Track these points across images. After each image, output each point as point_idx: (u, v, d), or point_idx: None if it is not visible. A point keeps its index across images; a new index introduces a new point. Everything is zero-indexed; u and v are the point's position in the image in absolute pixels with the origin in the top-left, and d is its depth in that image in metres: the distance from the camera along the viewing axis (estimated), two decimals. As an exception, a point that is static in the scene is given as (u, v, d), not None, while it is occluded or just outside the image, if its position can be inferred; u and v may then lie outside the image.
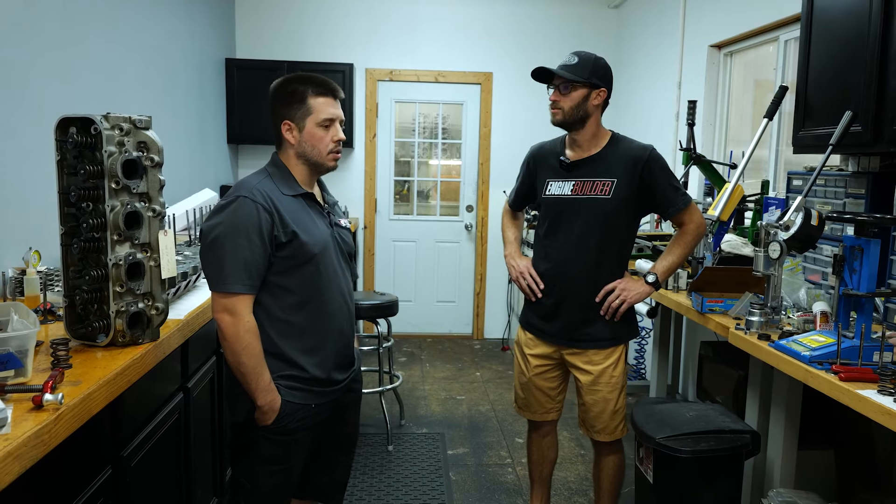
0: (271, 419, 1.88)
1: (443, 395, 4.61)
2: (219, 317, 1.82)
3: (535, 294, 2.48)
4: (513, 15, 5.74)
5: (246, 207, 1.80)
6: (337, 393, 2.02)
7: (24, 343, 1.57)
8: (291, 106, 1.89)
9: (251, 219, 1.80)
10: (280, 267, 1.87)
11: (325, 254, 1.93)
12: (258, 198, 1.82)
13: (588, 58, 2.34)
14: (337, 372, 2.01)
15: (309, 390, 1.94)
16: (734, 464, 2.30)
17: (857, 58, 2.27)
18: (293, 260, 1.87)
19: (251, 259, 1.80)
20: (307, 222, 1.90)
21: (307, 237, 1.87)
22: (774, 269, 2.28)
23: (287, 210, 1.86)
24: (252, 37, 5.59)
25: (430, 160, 6.04)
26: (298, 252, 1.86)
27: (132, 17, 3.54)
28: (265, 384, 1.85)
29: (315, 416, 1.97)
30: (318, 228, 1.93)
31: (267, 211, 1.81)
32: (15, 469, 1.26)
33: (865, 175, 2.43)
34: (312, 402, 1.94)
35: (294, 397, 1.91)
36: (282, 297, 1.89)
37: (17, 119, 2.52)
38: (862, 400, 1.73)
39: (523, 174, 2.60)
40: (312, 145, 1.91)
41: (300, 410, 1.92)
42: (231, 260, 1.79)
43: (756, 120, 3.86)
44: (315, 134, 1.90)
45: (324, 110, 1.90)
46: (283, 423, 1.90)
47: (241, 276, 1.80)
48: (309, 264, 1.89)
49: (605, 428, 2.49)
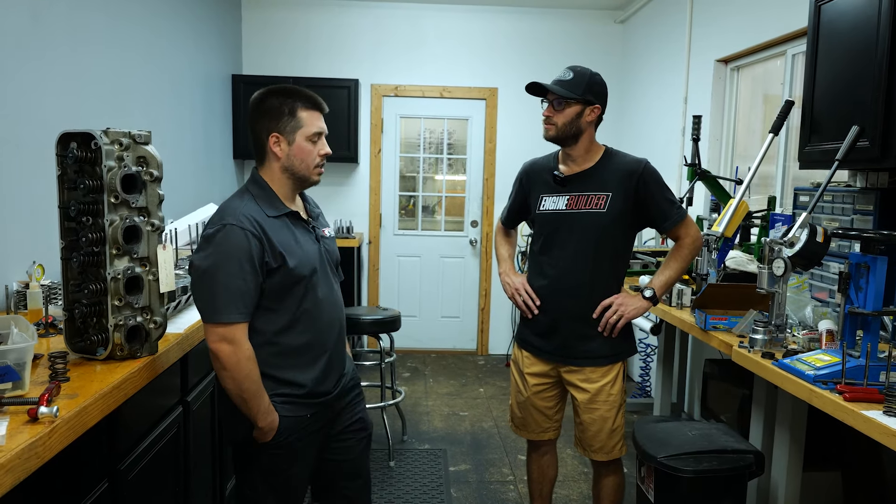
0: (271, 437, 1.89)
1: (446, 411, 4.58)
2: (216, 346, 1.78)
3: (532, 311, 2.45)
4: (517, 30, 5.76)
5: (235, 236, 1.77)
6: (331, 400, 2.02)
7: (22, 356, 1.57)
8: (280, 119, 1.88)
9: (241, 247, 1.77)
10: (271, 291, 1.85)
11: (315, 273, 1.92)
12: (246, 224, 1.78)
13: (583, 73, 2.31)
14: (331, 382, 2.01)
15: (303, 403, 1.94)
16: (737, 484, 2.27)
17: (864, 72, 2.25)
18: (283, 284, 1.85)
19: (244, 288, 1.78)
20: (292, 244, 1.88)
21: (295, 261, 1.85)
22: (779, 287, 2.26)
23: (274, 234, 1.84)
24: (258, 53, 5.63)
25: (435, 175, 6.05)
26: (287, 277, 1.85)
27: (139, 33, 3.57)
28: (266, 407, 1.85)
29: (311, 424, 1.97)
30: (304, 248, 1.91)
31: (256, 237, 1.79)
32: (7, 481, 1.26)
33: (873, 191, 2.41)
34: (307, 412, 1.95)
35: (289, 411, 1.91)
36: (273, 320, 1.88)
37: (24, 133, 2.54)
38: (867, 421, 1.70)
39: (516, 191, 2.58)
40: (301, 159, 1.90)
41: (296, 423, 1.93)
42: (225, 290, 1.77)
43: (763, 135, 3.84)
44: (304, 148, 1.90)
45: (314, 124, 1.90)
46: (281, 438, 1.90)
47: (236, 305, 1.77)
48: (298, 286, 1.88)
49: (603, 447, 2.45)
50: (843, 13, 2.39)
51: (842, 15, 2.40)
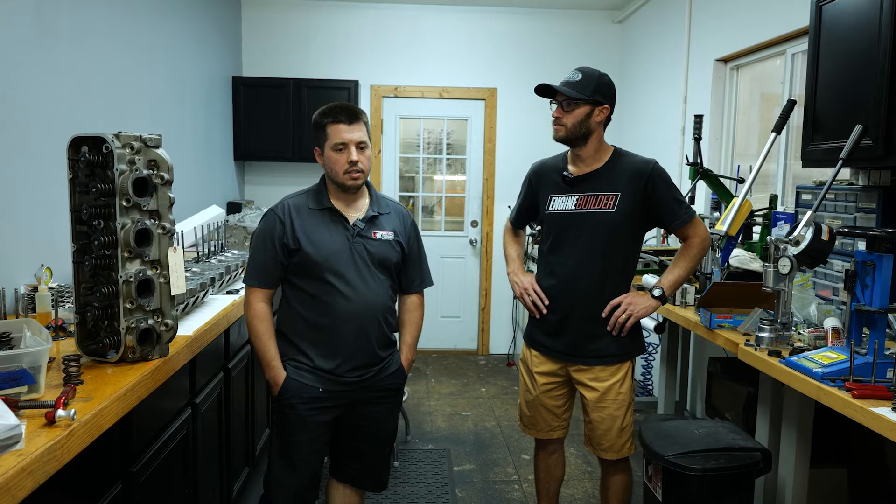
0: (276, 392, 2.19)
1: (448, 411, 4.59)
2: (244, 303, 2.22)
3: (541, 310, 2.46)
4: (517, 31, 5.77)
5: (269, 218, 2.21)
6: (350, 387, 2.20)
7: (37, 359, 1.58)
8: (317, 135, 2.19)
9: (269, 227, 2.19)
10: (294, 269, 2.18)
11: (335, 262, 2.14)
12: (279, 210, 2.20)
13: (591, 74, 2.33)
14: (350, 369, 2.19)
15: (316, 375, 2.17)
16: (745, 482, 2.28)
17: (866, 71, 2.25)
18: (302, 264, 2.15)
19: (263, 260, 2.18)
20: (320, 233, 2.16)
21: (312, 247, 2.14)
22: (784, 285, 2.27)
23: (304, 221, 2.17)
24: (258, 54, 5.62)
25: (434, 175, 6.05)
26: (304, 258, 2.15)
27: (141, 36, 3.57)
28: (267, 360, 2.18)
29: (323, 400, 2.18)
30: (329, 239, 2.16)
31: (281, 222, 2.17)
32: (28, 485, 1.26)
33: (876, 189, 2.42)
34: (320, 385, 2.17)
35: (300, 377, 2.18)
36: (298, 294, 2.20)
37: (31, 138, 2.54)
38: (876, 418, 1.71)
39: (525, 191, 2.60)
40: (331, 167, 2.17)
41: (304, 390, 2.17)
42: (252, 259, 2.22)
43: (763, 134, 3.86)
44: (331, 157, 2.16)
45: (336, 136, 2.14)
46: (287, 397, 2.17)
47: (255, 273, 2.19)
48: (316, 269, 2.14)
49: (612, 446, 2.46)
50: (844, 13, 2.40)
51: (843, 15, 2.41)
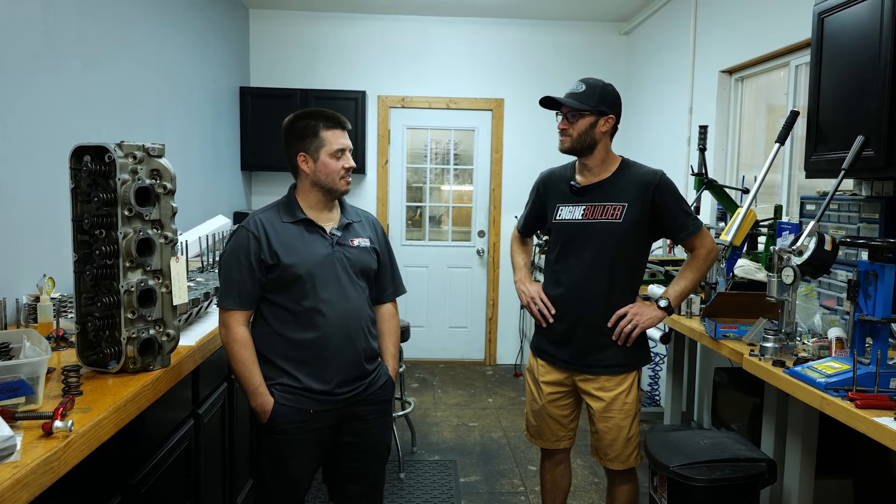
0: (264, 419, 2.07)
1: (455, 422, 4.58)
2: (219, 328, 2.10)
3: (547, 319, 2.46)
4: (523, 41, 5.79)
5: (240, 234, 2.09)
6: (342, 403, 2.12)
7: (36, 370, 1.58)
8: (305, 139, 2.10)
9: (242, 244, 2.07)
10: (273, 286, 2.08)
11: (317, 273, 2.07)
12: (251, 226, 2.08)
13: (596, 85, 2.34)
14: (339, 384, 2.10)
15: (305, 397, 2.08)
16: (750, 493, 2.26)
17: (868, 83, 2.26)
18: (282, 280, 2.06)
19: (240, 279, 2.06)
20: (299, 245, 2.08)
21: (292, 259, 2.05)
22: (788, 295, 2.26)
23: (279, 235, 2.08)
24: (266, 65, 5.67)
25: (441, 186, 6.07)
26: (284, 273, 2.05)
27: (148, 46, 3.61)
28: (253, 388, 2.05)
29: (315, 421, 2.09)
30: (309, 250, 2.09)
31: (256, 238, 2.06)
32: (23, 497, 1.25)
33: (879, 199, 2.41)
34: (310, 407, 2.09)
35: (288, 401, 2.07)
36: (277, 311, 2.09)
37: (35, 147, 2.56)
38: (879, 428, 1.70)
39: (532, 200, 2.60)
40: (326, 174, 2.11)
41: (295, 414, 2.08)
42: (226, 280, 2.08)
43: (768, 144, 3.85)
44: (328, 163, 2.10)
45: (335, 142, 2.11)
46: (277, 424, 2.07)
47: (231, 294, 2.06)
48: (297, 283, 2.06)
49: (619, 456, 2.45)
50: (846, 25, 2.40)
51: (844, 27, 2.41)
